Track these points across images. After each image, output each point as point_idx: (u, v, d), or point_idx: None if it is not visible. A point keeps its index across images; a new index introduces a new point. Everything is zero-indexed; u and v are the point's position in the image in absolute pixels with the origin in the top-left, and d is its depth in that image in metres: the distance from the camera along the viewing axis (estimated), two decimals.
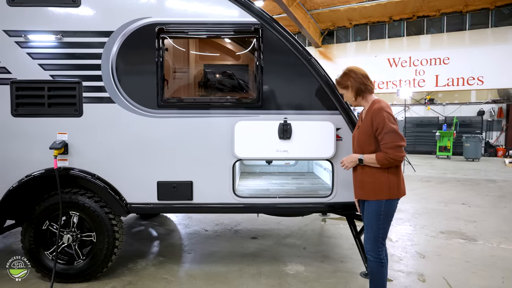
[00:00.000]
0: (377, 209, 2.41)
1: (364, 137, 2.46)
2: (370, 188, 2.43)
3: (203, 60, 3.59)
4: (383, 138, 2.36)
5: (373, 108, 2.42)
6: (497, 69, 12.02)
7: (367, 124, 2.43)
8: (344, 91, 2.58)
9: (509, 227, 4.85)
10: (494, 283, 3.17)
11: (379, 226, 2.42)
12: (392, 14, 13.08)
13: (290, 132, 2.99)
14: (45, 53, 3.01)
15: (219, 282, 3.19)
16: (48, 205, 3.09)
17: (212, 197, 3.10)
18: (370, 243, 2.46)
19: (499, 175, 9.62)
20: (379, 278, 2.47)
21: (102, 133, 3.05)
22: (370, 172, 2.44)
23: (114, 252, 3.15)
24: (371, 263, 2.48)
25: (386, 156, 2.34)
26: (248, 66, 3.19)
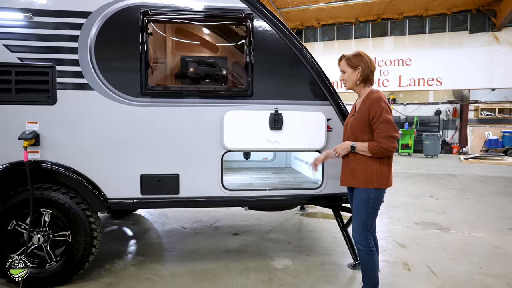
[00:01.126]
0: (366, 197, 2.43)
1: (358, 125, 2.46)
2: (361, 176, 2.44)
3: (189, 47, 3.42)
4: (377, 127, 2.37)
5: (372, 97, 2.43)
6: (453, 71, 12.73)
7: (364, 112, 2.44)
8: (350, 70, 2.53)
9: (475, 216, 5.12)
10: (473, 268, 3.30)
11: (368, 214, 2.44)
12: (358, 16, 13.43)
13: (282, 123, 2.92)
14: (12, 33, 2.71)
15: (206, 280, 3.05)
16: (15, 202, 2.78)
17: (200, 190, 2.95)
18: (358, 232, 2.47)
19: (457, 170, 10.22)
20: (370, 266, 2.49)
21: (78, 123, 2.80)
22: (362, 160, 2.45)
23: (92, 252, 2.90)
24: (361, 252, 2.48)
25: (378, 145, 2.35)
26: (237, 54, 3.08)
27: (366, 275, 2.52)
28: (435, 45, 13.12)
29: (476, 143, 15.65)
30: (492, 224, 4.71)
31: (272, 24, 2.92)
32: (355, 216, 2.52)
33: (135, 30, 2.79)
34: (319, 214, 5.19)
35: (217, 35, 3.19)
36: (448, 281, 3.03)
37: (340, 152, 2.54)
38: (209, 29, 3.18)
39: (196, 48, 3.43)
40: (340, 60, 2.62)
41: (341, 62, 2.60)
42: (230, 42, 3.18)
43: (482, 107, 16.23)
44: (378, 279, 2.52)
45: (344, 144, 2.53)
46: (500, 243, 3.99)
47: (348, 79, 2.56)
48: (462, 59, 12.68)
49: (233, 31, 3.07)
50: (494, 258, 3.55)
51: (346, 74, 2.56)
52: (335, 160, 3.02)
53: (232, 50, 3.15)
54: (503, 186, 7.65)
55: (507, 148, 14.40)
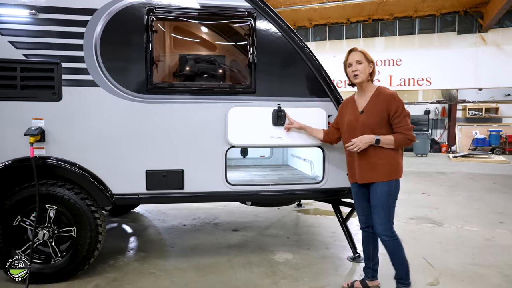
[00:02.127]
0: (388, 189, 2.49)
1: (375, 120, 2.49)
2: (384, 170, 2.48)
3: (194, 45, 3.46)
4: (401, 121, 2.45)
5: (387, 92, 2.52)
6: (442, 71, 12.97)
7: (380, 108, 2.49)
8: (366, 63, 2.55)
9: (466, 211, 5.28)
10: (467, 259, 3.43)
11: (390, 205, 2.50)
12: (350, 16, 13.57)
13: (284, 119, 2.99)
14: (17, 29, 2.72)
15: (210, 274, 3.10)
16: (20, 198, 2.79)
17: (204, 185, 3.00)
18: (383, 224, 2.51)
19: (447, 168, 10.46)
20: (399, 252, 2.55)
21: (84, 119, 2.82)
22: (383, 154, 2.49)
23: (97, 247, 2.93)
24: (388, 243, 2.53)
25: (405, 138, 2.45)
26: (240, 51, 3.14)
27: (397, 262, 2.57)
28: (424, 46, 13.35)
29: (464, 142, 16.00)
30: (483, 219, 4.87)
31: (274, 22, 2.99)
32: (377, 210, 2.52)
33: (140, 28, 2.83)
34: (316, 211, 5.28)
35: (221, 33, 3.25)
36: (445, 272, 3.15)
37: (360, 146, 2.48)
38: (213, 27, 3.24)
39: (200, 46, 3.48)
40: (352, 51, 2.60)
41: (357, 53, 2.56)
42: (233, 40, 3.24)
43: (469, 107, 16.60)
44: (408, 262, 2.58)
45: (366, 138, 2.47)
46: (491, 236, 4.14)
47: (363, 70, 2.53)
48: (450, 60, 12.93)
49: (236, 29, 3.13)
50: (487, 250, 3.68)
51: (362, 66, 2.53)
52: (336, 156, 3.12)
53: (235, 48, 3.20)
54: (491, 183, 7.87)
55: (494, 147, 14.77)
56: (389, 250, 2.58)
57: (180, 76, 3.16)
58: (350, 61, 2.59)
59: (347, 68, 2.64)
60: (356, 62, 2.55)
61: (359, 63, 2.55)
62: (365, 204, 2.72)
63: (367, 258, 2.81)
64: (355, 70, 2.55)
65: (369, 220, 2.73)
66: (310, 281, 2.95)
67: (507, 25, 11.33)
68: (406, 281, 2.59)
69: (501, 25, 11.16)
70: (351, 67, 2.58)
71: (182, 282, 2.94)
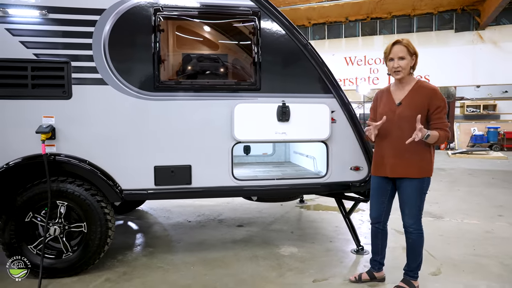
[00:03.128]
0: (420, 186, 2.49)
1: (414, 113, 2.38)
2: (419, 166, 2.45)
3: (200, 44, 3.53)
4: (441, 117, 2.42)
5: (430, 87, 2.45)
6: (440, 69, 13.05)
7: (422, 102, 2.42)
8: (409, 58, 2.43)
9: (466, 205, 5.36)
10: (468, 250, 3.51)
11: (421, 201, 2.53)
12: (348, 15, 13.65)
13: (289, 115, 3.06)
14: (28, 29, 2.79)
15: (218, 267, 3.17)
16: (31, 195, 2.86)
17: (211, 180, 3.07)
18: (413, 218, 2.54)
19: (446, 165, 10.55)
20: (419, 247, 2.60)
21: (93, 116, 2.89)
22: (418, 150, 2.44)
23: (107, 242, 3.00)
24: (412, 235, 2.57)
25: (446, 134, 2.40)
26: (245, 49, 3.21)
27: (413, 255, 2.61)
28: (422, 44, 13.43)
29: (462, 139, 16.10)
30: (483, 212, 4.95)
31: (278, 20, 3.07)
32: (408, 205, 2.53)
33: (148, 27, 2.90)
34: (318, 207, 5.36)
35: (226, 31, 3.32)
36: (446, 262, 3.23)
37: (420, 138, 2.33)
38: (218, 26, 3.30)
39: (205, 45, 3.55)
40: (394, 44, 2.46)
41: (400, 48, 2.43)
42: (238, 39, 3.31)
43: (467, 104, 16.72)
44: (422, 258, 2.63)
45: (422, 132, 2.32)
46: (491, 228, 4.22)
47: (406, 66, 2.43)
48: (448, 57, 13.01)
49: (241, 28, 3.20)
50: (487, 242, 3.76)
51: (405, 61, 2.42)
52: (340, 150, 3.20)
53: (240, 46, 3.28)
54: (491, 178, 7.96)
55: (492, 143, 14.87)
56: (410, 242, 2.60)
57: (187, 74, 3.22)
58: (392, 55, 2.45)
59: (388, 61, 2.51)
60: (398, 58, 2.43)
61: (402, 59, 2.42)
62: (383, 199, 2.71)
63: (375, 252, 2.86)
64: (397, 67, 2.44)
65: (381, 217, 2.77)
66: (315, 273, 3.03)
67: (504, 22, 11.42)
68: (415, 274, 2.66)
69: (498, 22, 11.25)
70: (393, 62, 2.46)
71: (191, 275, 3.01)
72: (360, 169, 3.26)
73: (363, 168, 3.26)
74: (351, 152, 3.23)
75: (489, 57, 11.72)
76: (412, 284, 2.64)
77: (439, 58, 13.11)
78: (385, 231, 2.83)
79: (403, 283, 2.66)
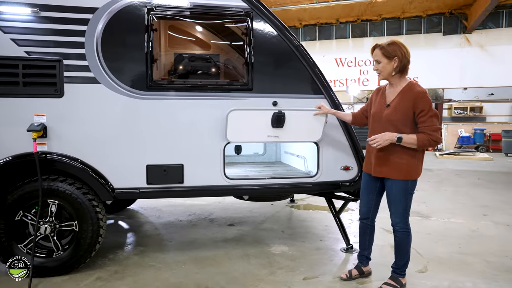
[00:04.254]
0: (405, 187, 2.53)
1: (400, 117, 2.44)
2: (403, 170, 2.48)
3: (193, 44, 3.55)
4: (426, 120, 2.39)
5: (417, 90, 2.43)
6: (429, 71, 13.24)
7: (407, 105, 2.43)
8: (385, 61, 2.47)
9: (453, 205, 5.49)
10: (453, 248, 3.60)
11: (407, 201, 2.58)
12: (339, 17, 13.78)
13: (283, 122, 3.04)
14: (19, 27, 2.77)
15: (209, 265, 3.19)
16: (22, 193, 2.84)
17: (203, 179, 3.09)
18: (400, 217, 2.60)
19: (434, 165, 10.74)
20: (405, 246, 2.66)
21: (85, 115, 2.89)
22: (402, 153, 2.46)
23: (98, 241, 3.00)
24: (399, 233, 2.63)
25: (429, 138, 2.37)
26: (237, 50, 3.24)
27: (401, 253, 2.67)
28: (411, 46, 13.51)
29: (450, 140, 16.40)
30: (468, 212, 5.08)
31: (271, 21, 3.11)
32: (394, 204, 2.59)
33: (141, 26, 2.91)
34: (308, 206, 5.42)
35: (218, 32, 3.34)
36: (433, 260, 3.31)
37: (381, 143, 2.44)
38: (211, 26, 3.33)
39: (198, 45, 3.57)
40: (374, 49, 2.54)
41: (375, 52, 2.52)
42: (230, 39, 3.34)
43: (455, 106, 17.03)
44: (409, 255, 2.69)
45: (387, 135, 2.43)
46: (476, 227, 4.33)
47: (382, 69, 2.50)
48: (436, 60, 13.23)
49: (233, 29, 3.23)
50: (472, 240, 3.87)
51: (381, 65, 2.49)
52: (330, 150, 3.25)
53: (232, 46, 3.31)
54: (476, 178, 8.14)
55: (478, 145, 15.19)
56: (398, 240, 2.67)
57: (179, 73, 3.24)
58: (373, 59, 2.55)
59: None
60: (375, 61, 2.54)
61: (377, 62, 2.52)
62: (372, 196, 2.78)
63: (363, 248, 2.94)
64: (375, 69, 2.56)
65: (369, 213, 2.85)
66: (306, 271, 3.07)
67: (490, 26, 11.67)
68: (403, 272, 2.73)
69: (485, 26, 11.50)
70: (374, 65, 2.57)
71: (183, 273, 3.03)
72: (350, 169, 3.32)
73: (353, 168, 3.33)
74: (342, 152, 3.29)
75: (476, 60, 11.95)
76: (399, 281, 2.71)
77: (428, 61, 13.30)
78: (373, 227, 2.91)
79: (391, 280, 2.73)
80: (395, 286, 2.69)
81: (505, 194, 6.33)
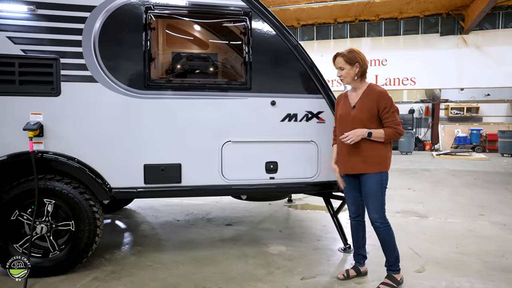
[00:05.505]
0: (380, 180, 2.65)
1: (367, 115, 2.65)
2: (375, 162, 2.64)
3: (191, 43, 3.53)
4: (390, 116, 2.62)
5: (378, 90, 2.67)
6: (426, 72, 13.28)
7: (371, 104, 2.64)
8: (348, 67, 2.68)
9: (450, 205, 5.51)
10: (450, 248, 3.61)
11: (382, 194, 2.68)
12: (337, 17, 13.80)
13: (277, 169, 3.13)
14: (16, 25, 2.75)
15: (207, 265, 3.18)
16: (18, 192, 2.82)
17: (201, 179, 3.08)
18: (377, 212, 2.67)
19: (431, 165, 10.78)
20: (390, 240, 2.71)
21: (83, 114, 2.87)
22: (373, 147, 2.65)
23: (95, 241, 2.98)
24: (381, 230, 2.68)
25: (395, 131, 2.61)
26: (236, 49, 3.23)
27: (388, 249, 2.72)
28: (409, 46, 13.66)
29: (446, 140, 16.46)
30: (465, 212, 5.09)
31: (269, 21, 3.10)
32: (371, 199, 2.67)
33: (139, 25, 2.89)
34: (306, 206, 5.42)
35: (217, 31, 3.33)
36: (430, 260, 3.31)
37: (354, 139, 2.61)
38: (210, 25, 3.31)
39: (196, 44, 3.55)
40: (335, 57, 2.75)
41: (337, 60, 2.73)
42: (229, 39, 3.33)
43: (452, 106, 17.08)
44: (398, 250, 2.74)
45: (358, 131, 2.61)
46: (473, 227, 4.35)
47: (346, 75, 2.72)
48: (434, 60, 13.27)
49: (232, 28, 3.22)
50: (468, 240, 3.88)
51: (345, 71, 2.71)
52: (328, 151, 3.24)
53: (230, 46, 3.29)
54: (473, 179, 8.18)
55: (475, 145, 15.26)
56: (382, 237, 2.72)
57: (177, 72, 3.22)
58: (335, 66, 2.78)
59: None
60: (338, 68, 2.75)
61: (341, 69, 2.73)
62: (356, 194, 2.87)
63: (358, 246, 2.96)
64: (339, 76, 2.77)
65: (359, 210, 2.90)
66: (303, 271, 3.07)
67: (487, 27, 11.71)
68: (397, 267, 2.75)
69: (481, 27, 11.54)
70: (337, 72, 2.78)
71: (180, 273, 3.01)
72: None
73: None
74: None
75: (473, 61, 12.00)
76: (395, 278, 2.72)
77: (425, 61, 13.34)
78: (364, 224, 2.96)
79: (387, 279, 2.74)
80: (392, 285, 2.70)
81: (501, 194, 6.36)
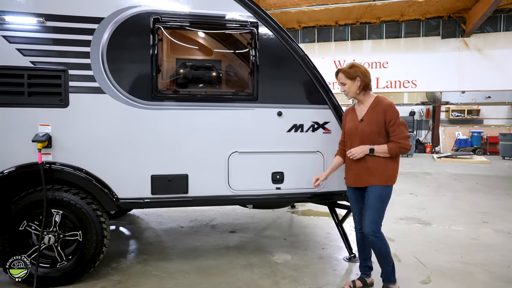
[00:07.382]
0: (382, 193, 2.66)
1: (375, 129, 2.66)
2: (381, 175, 2.65)
3: (198, 53, 3.54)
4: (395, 129, 2.63)
5: (385, 103, 2.68)
6: (427, 74, 13.29)
7: (378, 117, 2.66)
8: (349, 82, 2.72)
9: (453, 212, 5.52)
10: (455, 258, 3.62)
11: (383, 208, 2.68)
12: (338, 19, 13.82)
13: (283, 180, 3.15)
14: (25, 37, 2.76)
15: (213, 275, 3.19)
16: (26, 203, 2.83)
17: (208, 189, 3.09)
18: (374, 224, 2.67)
19: (432, 169, 10.80)
20: (385, 250, 2.72)
21: (91, 125, 2.88)
22: (380, 161, 2.66)
23: (102, 251, 2.99)
24: (375, 242, 2.68)
25: (398, 146, 2.61)
26: (243, 60, 3.25)
27: (384, 260, 2.75)
28: (410, 49, 13.68)
29: (447, 143, 16.49)
30: (468, 218, 5.11)
31: (276, 32, 3.11)
32: (370, 211, 2.68)
33: (146, 36, 2.90)
34: (309, 212, 5.43)
35: (225, 42, 3.34)
36: (435, 270, 3.33)
37: (357, 156, 2.67)
38: (218, 36, 3.33)
39: (203, 55, 3.56)
40: (337, 74, 2.79)
41: (339, 75, 2.77)
42: (236, 50, 3.34)
43: (452, 109, 17.10)
44: (393, 261, 2.78)
45: (361, 148, 2.67)
46: (476, 235, 4.36)
47: (349, 90, 2.75)
48: (435, 63, 13.28)
49: (239, 39, 3.23)
50: (473, 249, 3.90)
51: (347, 86, 2.75)
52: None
53: (238, 57, 3.31)
54: (475, 183, 8.20)
55: (476, 147, 15.28)
56: (376, 249, 2.74)
57: (184, 83, 3.24)
58: (338, 82, 2.81)
59: None
60: (341, 84, 2.78)
61: (343, 84, 2.77)
62: (362, 206, 2.86)
63: (365, 258, 2.97)
64: (343, 91, 2.80)
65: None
66: (309, 281, 3.08)
67: (488, 30, 11.73)
68: (393, 278, 2.78)
69: (483, 30, 11.56)
70: (341, 87, 2.80)
71: (187, 283, 3.03)
72: None
73: None
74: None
75: (474, 64, 12.01)
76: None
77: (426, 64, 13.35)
78: None
79: None
80: None
81: (504, 200, 6.38)
